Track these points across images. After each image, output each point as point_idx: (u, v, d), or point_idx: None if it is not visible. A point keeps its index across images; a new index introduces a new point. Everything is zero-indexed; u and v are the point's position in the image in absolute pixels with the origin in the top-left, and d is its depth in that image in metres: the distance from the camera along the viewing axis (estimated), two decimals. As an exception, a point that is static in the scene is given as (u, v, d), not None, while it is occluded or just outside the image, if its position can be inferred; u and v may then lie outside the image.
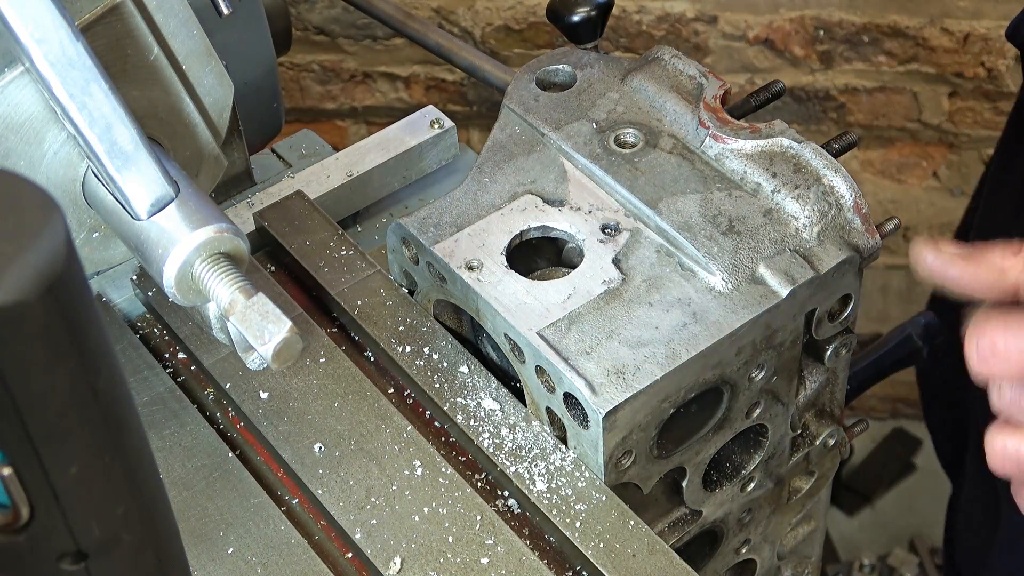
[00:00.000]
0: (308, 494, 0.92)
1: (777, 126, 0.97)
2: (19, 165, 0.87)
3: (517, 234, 0.95)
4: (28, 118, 0.86)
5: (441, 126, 1.17)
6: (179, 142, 0.96)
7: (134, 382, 0.98)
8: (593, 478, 0.89)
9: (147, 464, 0.57)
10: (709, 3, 2.33)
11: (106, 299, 1.05)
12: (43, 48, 0.80)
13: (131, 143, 0.84)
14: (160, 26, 0.91)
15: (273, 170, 1.19)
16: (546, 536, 0.89)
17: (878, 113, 2.44)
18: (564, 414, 0.89)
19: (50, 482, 0.52)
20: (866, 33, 2.34)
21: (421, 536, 0.88)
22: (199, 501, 0.91)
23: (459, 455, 0.94)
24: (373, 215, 1.18)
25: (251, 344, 0.81)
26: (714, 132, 0.97)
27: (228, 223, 0.85)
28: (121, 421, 0.54)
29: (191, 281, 0.84)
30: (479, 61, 1.29)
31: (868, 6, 2.32)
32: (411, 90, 2.51)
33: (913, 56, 2.36)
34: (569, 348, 0.88)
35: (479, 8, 2.38)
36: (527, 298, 0.91)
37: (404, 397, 0.98)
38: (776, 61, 2.40)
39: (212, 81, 0.96)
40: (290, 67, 2.47)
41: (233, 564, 0.88)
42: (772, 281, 0.90)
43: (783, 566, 1.13)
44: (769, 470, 0.99)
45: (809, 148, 0.95)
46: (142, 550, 0.58)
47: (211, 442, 0.95)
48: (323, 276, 1.02)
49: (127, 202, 0.86)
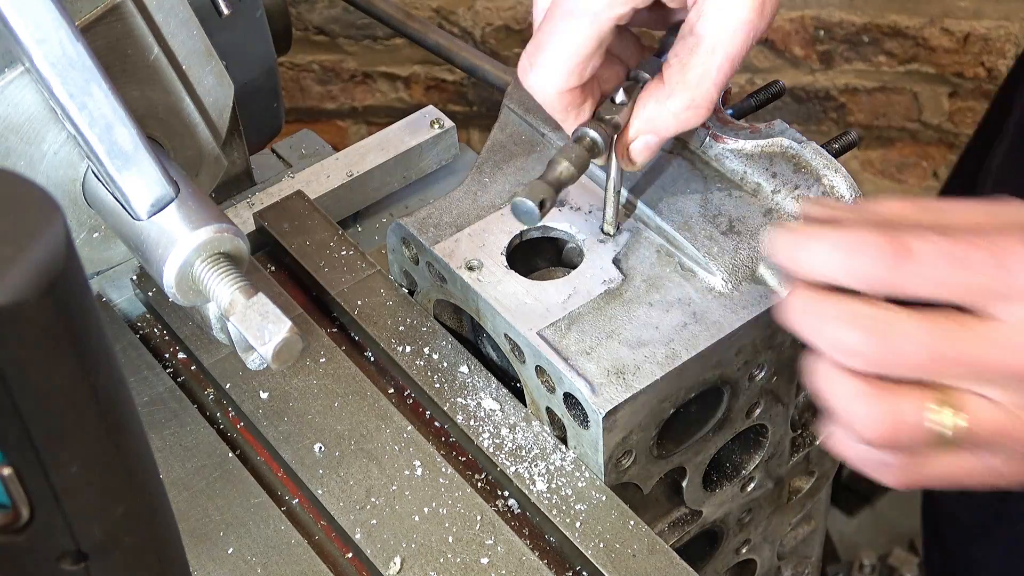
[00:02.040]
0: (308, 494, 0.92)
1: (777, 126, 0.97)
2: (19, 165, 0.87)
3: (517, 234, 0.95)
4: (28, 118, 0.86)
5: (441, 126, 1.17)
6: (179, 142, 0.96)
7: (134, 382, 0.98)
8: (593, 478, 0.89)
9: (147, 464, 0.57)
10: (709, 3, 2.32)
11: (106, 299, 1.05)
12: (43, 48, 0.80)
13: (131, 143, 0.84)
14: (160, 26, 0.91)
15: (273, 170, 1.19)
16: (546, 536, 0.89)
17: (878, 113, 2.44)
18: (564, 414, 0.89)
19: (50, 482, 0.52)
20: (866, 33, 2.34)
21: (421, 536, 0.88)
22: (199, 501, 0.91)
23: (459, 455, 0.94)
24: (373, 215, 1.18)
25: (251, 344, 0.81)
26: (714, 132, 0.97)
27: (228, 223, 0.85)
28: (121, 421, 0.54)
29: (191, 281, 0.84)
30: (479, 61, 1.30)
31: (868, 6, 2.32)
32: (411, 90, 2.51)
33: (913, 56, 2.36)
34: (569, 348, 0.88)
35: (479, 8, 2.38)
36: (527, 298, 0.91)
37: (404, 397, 0.98)
38: (776, 61, 2.40)
39: (212, 81, 0.96)
40: (290, 67, 2.47)
41: (233, 564, 0.88)
42: (772, 281, 0.90)
43: (783, 566, 1.13)
44: (769, 470, 0.99)
45: (809, 148, 0.95)
46: (142, 550, 0.58)
47: (211, 442, 0.95)
48: (323, 276, 1.02)
49: (127, 202, 0.86)
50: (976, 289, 0.69)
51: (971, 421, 0.71)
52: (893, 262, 0.69)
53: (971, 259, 0.68)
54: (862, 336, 0.70)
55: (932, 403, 0.71)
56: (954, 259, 0.69)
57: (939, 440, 0.71)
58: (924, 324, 0.70)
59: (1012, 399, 0.71)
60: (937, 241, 0.69)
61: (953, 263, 0.69)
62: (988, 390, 0.71)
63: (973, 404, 0.71)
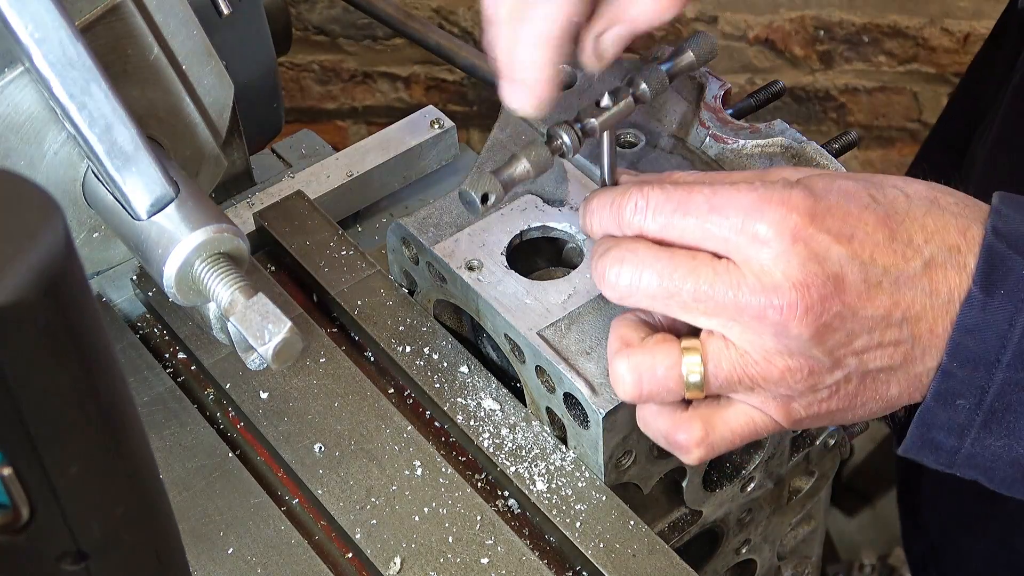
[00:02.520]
0: (308, 494, 0.92)
1: (777, 126, 0.97)
2: (19, 165, 0.87)
3: (517, 234, 0.95)
4: (28, 118, 0.86)
5: (441, 126, 1.17)
6: (179, 142, 0.96)
7: (134, 382, 0.98)
8: (593, 478, 0.89)
9: (147, 464, 0.57)
10: (709, 3, 2.33)
11: (106, 299, 1.05)
12: (43, 48, 0.80)
13: (131, 143, 0.84)
14: (160, 26, 0.91)
15: (273, 170, 1.19)
16: (546, 536, 0.89)
17: (878, 113, 2.45)
18: (564, 414, 0.89)
19: (50, 482, 0.52)
20: (866, 33, 2.34)
21: (421, 536, 0.88)
22: (199, 501, 0.91)
23: (459, 455, 0.94)
24: (373, 215, 1.18)
25: (251, 344, 0.81)
26: (714, 132, 0.97)
27: (228, 223, 0.85)
28: (121, 421, 0.54)
29: (191, 281, 0.84)
30: (479, 61, 1.29)
31: (868, 6, 2.32)
32: (411, 90, 2.51)
33: (913, 56, 2.36)
34: (569, 348, 0.88)
35: (479, 8, 2.38)
36: (527, 298, 0.91)
37: (404, 397, 0.98)
38: (776, 61, 2.40)
39: (212, 81, 0.96)
40: (290, 67, 2.47)
41: (233, 564, 0.88)
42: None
43: (783, 566, 1.13)
44: (769, 470, 0.99)
45: (809, 148, 0.95)
46: (142, 550, 0.58)
47: (211, 442, 0.95)
48: (323, 276, 1.02)
49: (127, 202, 0.86)
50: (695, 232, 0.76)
51: (710, 362, 0.77)
52: (636, 213, 0.78)
53: (691, 206, 0.76)
54: (615, 271, 0.78)
55: (676, 351, 0.77)
56: (678, 206, 0.76)
57: (689, 387, 0.78)
58: (660, 258, 0.77)
59: (743, 337, 0.76)
60: (671, 192, 0.77)
61: (678, 210, 0.76)
62: (724, 329, 0.76)
63: (711, 346, 0.77)
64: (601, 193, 0.82)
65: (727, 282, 0.75)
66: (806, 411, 0.79)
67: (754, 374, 0.77)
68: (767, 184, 0.76)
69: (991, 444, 0.78)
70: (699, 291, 0.75)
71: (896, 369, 0.77)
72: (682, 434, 0.80)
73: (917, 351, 0.77)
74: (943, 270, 0.76)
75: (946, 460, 0.80)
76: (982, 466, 0.80)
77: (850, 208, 0.75)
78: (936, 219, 0.76)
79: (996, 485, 0.81)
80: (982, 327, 0.75)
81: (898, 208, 0.76)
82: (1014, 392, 0.76)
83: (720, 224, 0.75)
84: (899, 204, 0.76)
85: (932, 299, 0.76)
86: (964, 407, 0.77)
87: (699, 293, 0.75)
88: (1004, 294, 0.75)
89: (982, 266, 0.75)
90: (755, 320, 0.75)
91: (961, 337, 0.76)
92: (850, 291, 0.74)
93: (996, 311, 0.75)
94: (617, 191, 0.80)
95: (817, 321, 0.74)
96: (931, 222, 0.76)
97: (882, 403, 0.80)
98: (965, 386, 0.77)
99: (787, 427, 0.80)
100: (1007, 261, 0.75)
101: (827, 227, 0.74)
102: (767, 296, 0.74)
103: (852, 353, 0.76)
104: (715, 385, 0.78)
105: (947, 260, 0.76)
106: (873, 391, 0.79)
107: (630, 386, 0.79)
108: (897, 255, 0.75)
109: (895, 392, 0.79)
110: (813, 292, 0.73)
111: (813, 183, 0.76)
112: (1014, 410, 0.77)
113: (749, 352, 0.76)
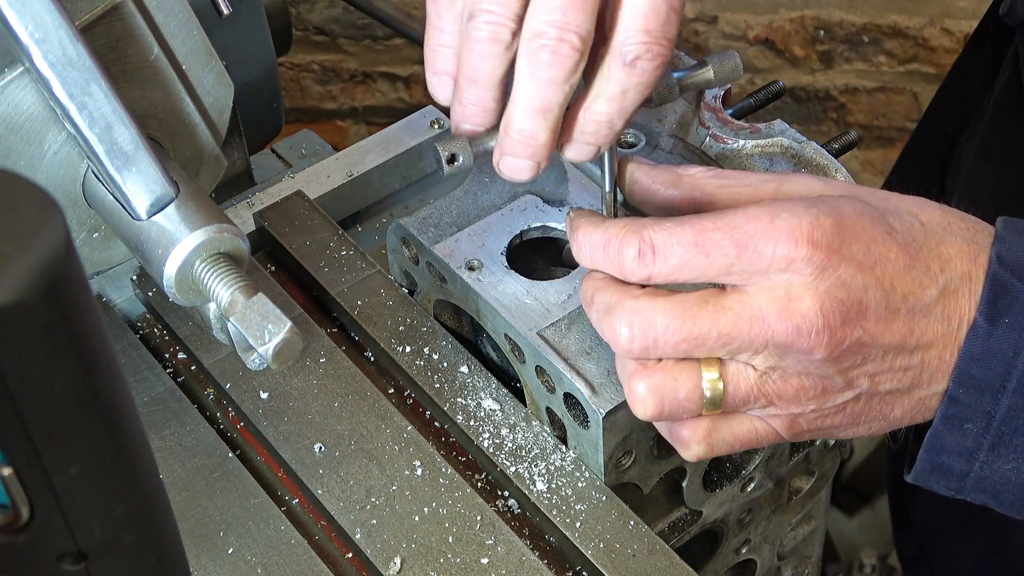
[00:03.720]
0: (308, 494, 0.92)
1: (777, 126, 0.97)
2: (19, 165, 0.87)
3: (517, 234, 0.95)
4: (28, 118, 0.86)
5: (441, 126, 1.17)
6: (179, 142, 0.96)
7: (134, 382, 0.98)
8: (593, 478, 0.89)
9: (147, 464, 0.57)
10: (709, 3, 2.33)
11: (106, 299, 1.05)
12: (43, 48, 0.80)
13: (131, 143, 0.84)
14: (160, 26, 0.91)
15: (273, 170, 1.19)
16: (546, 536, 0.89)
17: (878, 113, 2.45)
18: (564, 414, 0.89)
19: (50, 482, 0.52)
20: (866, 33, 2.34)
21: (421, 536, 0.88)
22: (199, 501, 0.91)
23: (459, 455, 0.94)
24: (373, 215, 1.18)
25: (251, 344, 0.81)
26: (714, 132, 0.97)
27: (228, 223, 0.85)
28: (121, 421, 0.54)
29: (191, 281, 0.84)
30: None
31: (868, 6, 2.32)
32: (411, 90, 2.51)
33: (913, 56, 2.36)
34: (569, 348, 0.88)
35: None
36: (527, 298, 0.91)
37: (404, 397, 0.98)
38: (776, 61, 2.40)
39: (212, 81, 0.96)
40: (290, 67, 2.47)
41: (233, 564, 0.88)
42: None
43: (783, 566, 1.13)
44: (769, 470, 0.99)
45: (809, 148, 0.95)
46: (142, 550, 0.58)
47: (211, 442, 0.95)
48: (323, 276, 1.02)
49: (127, 202, 0.86)
50: (718, 269, 0.76)
51: (730, 383, 0.78)
52: (641, 260, 0.77)
53: (710, 244, 0.76)
54: (627, 332, 0.78)
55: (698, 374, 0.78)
56: (694, 247, 0.76)
57: (708, 405, 0.79)
58: (672, 310, 0.77)
59: (767, 362, 0.77)
60: (678, 233, 0.77)
61: (693, 250, 0.76)
62: (744, 356, 0.77)
63: (731, 368, 0.78)
64: (589, 227, 0.81)
65: (748, 317, 0.76)
66: (809, 425, 0.81)
67: (770, 392, 0.78)
68: (789, 211, 0.76)
69: (1000, 467, 0.79)
70: (723, 333, 0.76)
71: (903, 392, 0.79)
72: (686, 430, 0.81)
73: (925, 376, 0.78)
74: (955, 298, 0.77)
75: (956, 485, 0.82)
76: (991, 490, 0.81)
77: (875, 235, 0.76)
78: (950, 247, 0.78)
79: (1006, 508, 0.83)
80: (987, 356, 0.77)
81: (915, 236, 0.78)
82: (1020, 417, 0.77)
83: (750, 260, 0.76)
84: (916, 232, 0.78)
85: (944, 326, 0.77)
86: (972, 431, 0.79)
87: (724, 337, 0.76)
88: (1008, 323, 0.76)
89: (987, 295, 0.77)
90: (781, 346, 0.76)
91: (967, 365, 0.77)
92: (871, 317, 0.76)
93: (1001, 340, 0.76)
94: (611, 231, 0.79)
95: (839, 345, 0.75)
96: (945, 251, 0.78)
97: (884, 423, 0.82)
98: (972, 411, 0.78)
99: (788, 439, 0.82)
100: (1011, 290, 0.76)
101: (852, 254, 0.75)
102: (794, 322, 0.75)
103: (865, 375, 0.78)
104: (732, 405, 0.79)
105: (959, 287, 0.77)
106: (878, 411, 0.81)
107: (651, 408, 0.79)
108: (915, 283, 0.77)
109: (898, 413, 0.81)
110: (838, 317, 0.75)
111: (837, 208, 0.77)
112: (1022, 434, 0.78)
113: (768, 373, 0.78)
